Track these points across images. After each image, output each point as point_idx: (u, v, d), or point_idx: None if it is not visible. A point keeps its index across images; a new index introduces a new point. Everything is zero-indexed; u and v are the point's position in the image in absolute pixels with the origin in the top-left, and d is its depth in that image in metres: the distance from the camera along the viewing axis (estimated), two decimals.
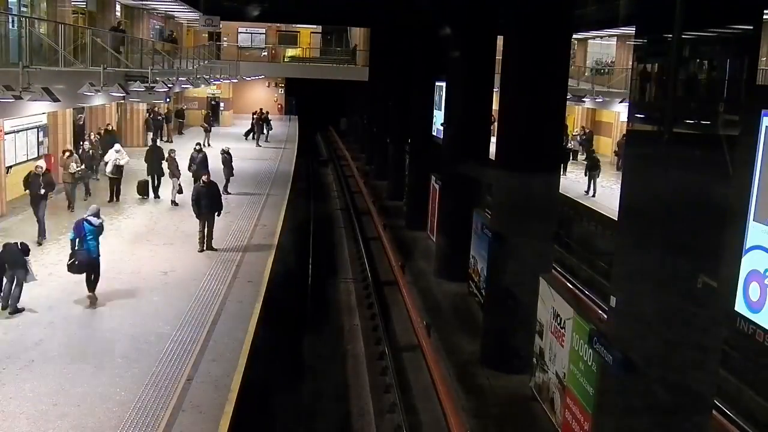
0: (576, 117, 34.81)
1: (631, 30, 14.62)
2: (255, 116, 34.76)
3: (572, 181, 24.20)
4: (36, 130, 19.28)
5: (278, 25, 45.03)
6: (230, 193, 20.47)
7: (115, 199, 18.52)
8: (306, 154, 35.16)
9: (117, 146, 19.32)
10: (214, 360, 9.72)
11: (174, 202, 18.52)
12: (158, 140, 28.59)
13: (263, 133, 34.32)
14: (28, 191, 14.65)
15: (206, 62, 31.94)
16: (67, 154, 17.74)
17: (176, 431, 7.94)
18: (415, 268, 16.78)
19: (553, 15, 10.74)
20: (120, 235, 15.41)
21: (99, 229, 11.46)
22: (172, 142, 30.68)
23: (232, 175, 21.42)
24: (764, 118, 5.07)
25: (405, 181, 23.89)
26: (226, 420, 8.20)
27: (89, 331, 10.51)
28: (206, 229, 14.84)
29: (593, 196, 22.35)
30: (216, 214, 15.06)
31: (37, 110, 15.11)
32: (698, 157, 6.48)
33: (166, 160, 19.19)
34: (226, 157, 20.88)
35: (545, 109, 11.02)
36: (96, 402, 8.42)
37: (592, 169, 23.08)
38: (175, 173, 18.82)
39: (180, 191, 18.37)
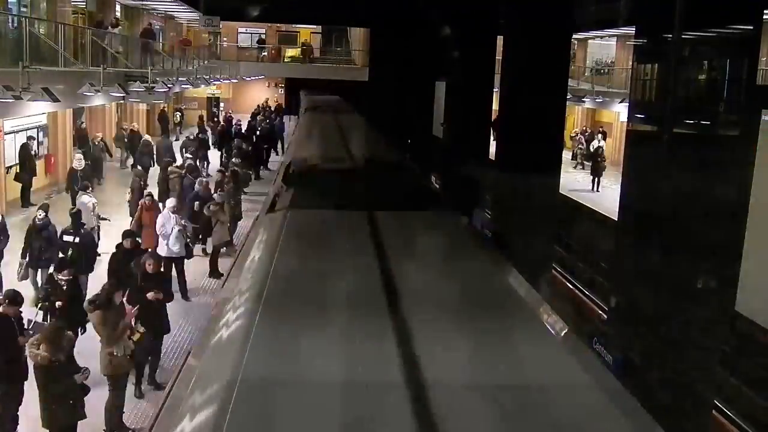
0: (576, 117, 34.79)
1: (631, 30, 14.62)
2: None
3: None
4: (36, 130, 19.26)
5: (278, 25, 45.00)
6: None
7: None
8: None
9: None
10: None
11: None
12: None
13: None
14: None
15: (206, 62, 31.96)
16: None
17: None
18: None
19: (553, 15, 10.74)
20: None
21: None
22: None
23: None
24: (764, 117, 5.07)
25: None
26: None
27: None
28: None
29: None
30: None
31: (37, 110, 15.10)
32: (698, 157, 6.48)
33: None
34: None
35: (545, 109, 11.03)
36: (97, 402, 8.40)
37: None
38: None
39: None
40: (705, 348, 6.67)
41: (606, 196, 21.36)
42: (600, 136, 29.69)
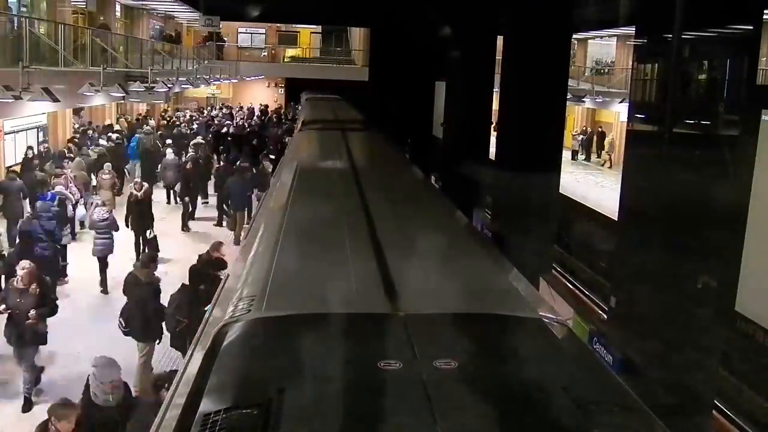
0: (576, 117, 34.79)
1: (631, 30, 14.64)
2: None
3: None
4: (36, 130, 19.26)
5: (278, 25, 45.00)
6: None
7: None
8: None
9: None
10: None
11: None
12: None
13: None
14: None
15: (206, 62, 31.99)
16: None
17: None
18: None
19: (553, 15, 10.75)
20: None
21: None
22: None
23: None
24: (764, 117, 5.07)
25: None
26: None
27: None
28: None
29: None
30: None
31: (37, 110, 15.10)
32: (698, 157, 6.48)
33: None
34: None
35: (545, 109, 11.03)
36: None
37: None
38: None
39: None
40: (705, 348, 6.68)
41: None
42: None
